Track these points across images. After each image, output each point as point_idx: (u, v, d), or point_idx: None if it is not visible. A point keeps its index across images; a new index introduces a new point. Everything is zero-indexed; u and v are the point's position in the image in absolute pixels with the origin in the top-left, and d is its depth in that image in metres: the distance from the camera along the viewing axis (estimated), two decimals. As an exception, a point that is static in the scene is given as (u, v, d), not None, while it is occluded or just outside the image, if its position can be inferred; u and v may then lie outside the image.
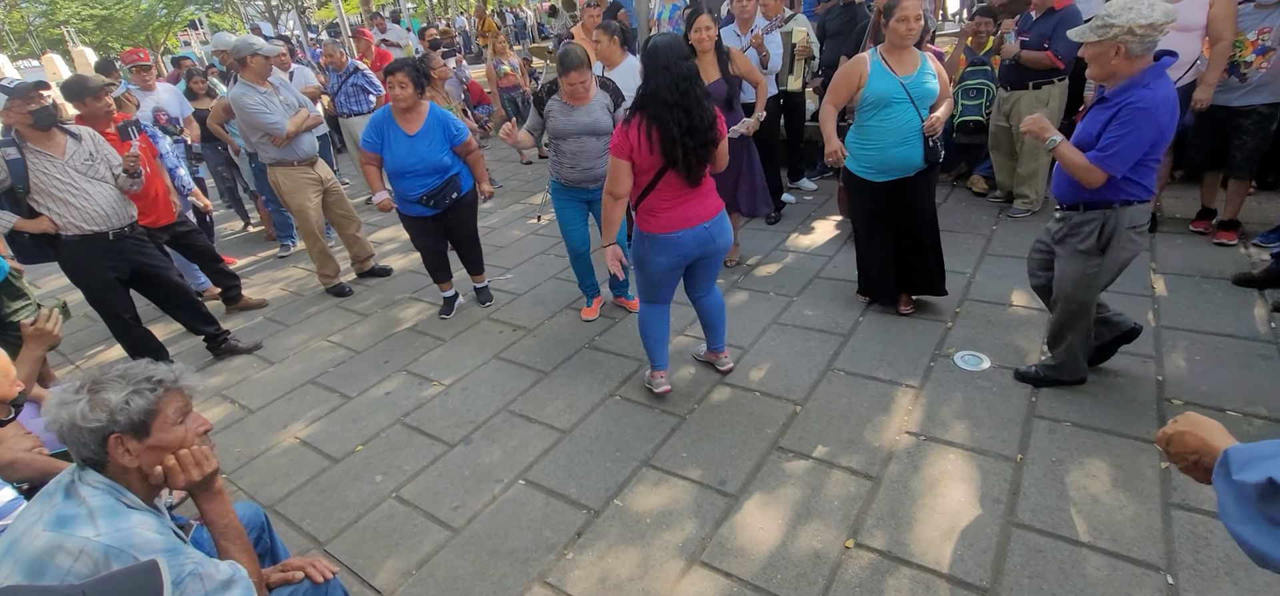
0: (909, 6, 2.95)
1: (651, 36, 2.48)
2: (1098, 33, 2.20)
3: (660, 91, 2.39)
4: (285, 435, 3.16)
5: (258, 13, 27.17)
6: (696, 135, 2.44)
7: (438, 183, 3.67)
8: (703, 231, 2.64)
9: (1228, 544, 1.99)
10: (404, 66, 3.54)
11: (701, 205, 2.63)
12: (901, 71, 3.06)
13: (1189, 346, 2.92)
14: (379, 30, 10.15)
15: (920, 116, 3.07)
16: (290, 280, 5.18)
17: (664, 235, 2.62)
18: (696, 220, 2.62)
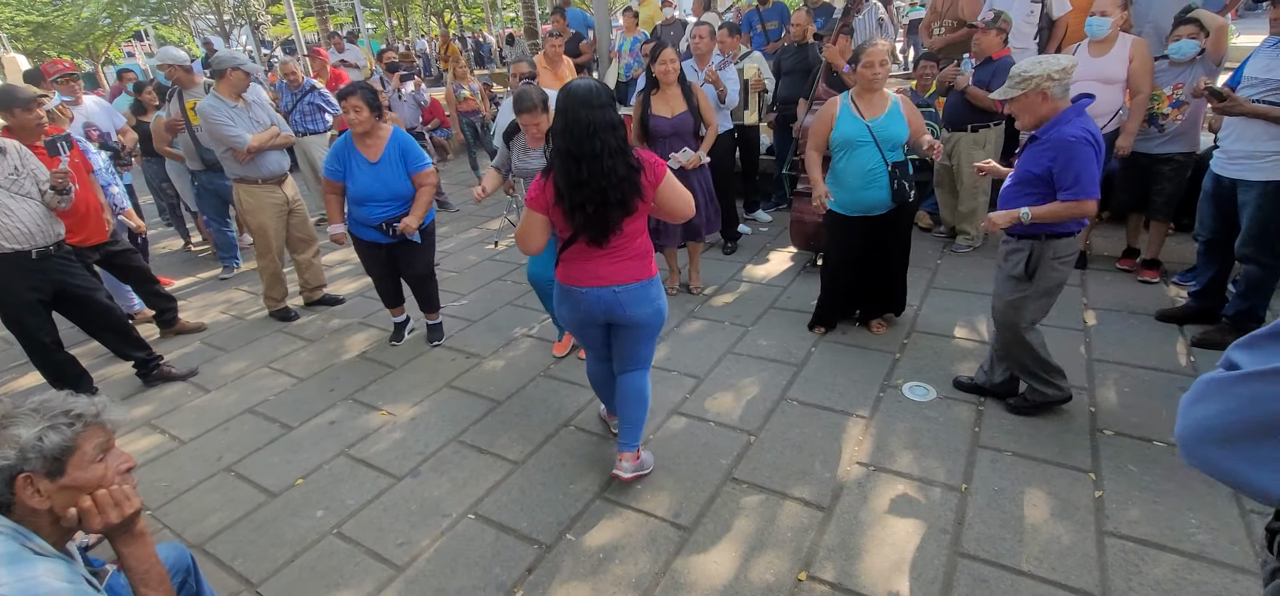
0: (875, 52, 3.11)
1: (569, 80, 2.29)
2: (1019, 87, 2.44)
3: (554, 137, 2.21)
4: (219, 468, 2.99)
5: (209, 27, 26.44)
6: (588, 189, 2.16)
7: (398, 209, 3.57)
8: (610, 295, 2.36)
9: (1156, 570, 2.08)
10: (357, 90, 3.45)
11: (613, 267, 2.34)
12: (869, 114, 3.18)
13: (1118, 379, 3.07)
14: (336, 50, 9.97)
15: (885, 159, 3.17)
16: (232, 303, 4.97)
17: (567, 286, 2.42)
18: (603, 280, 2.35)
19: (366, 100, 3.42)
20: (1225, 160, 3.11)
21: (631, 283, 2.37)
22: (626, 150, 2.21)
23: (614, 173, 2.16)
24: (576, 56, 7.50)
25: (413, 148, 3.60)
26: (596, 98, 2.17)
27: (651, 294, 2.42)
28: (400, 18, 30.68)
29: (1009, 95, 2.49)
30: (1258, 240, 3.06)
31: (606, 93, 2.21)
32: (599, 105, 2.16)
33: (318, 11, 13.30)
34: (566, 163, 2.17)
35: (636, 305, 2.40)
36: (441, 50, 12.73)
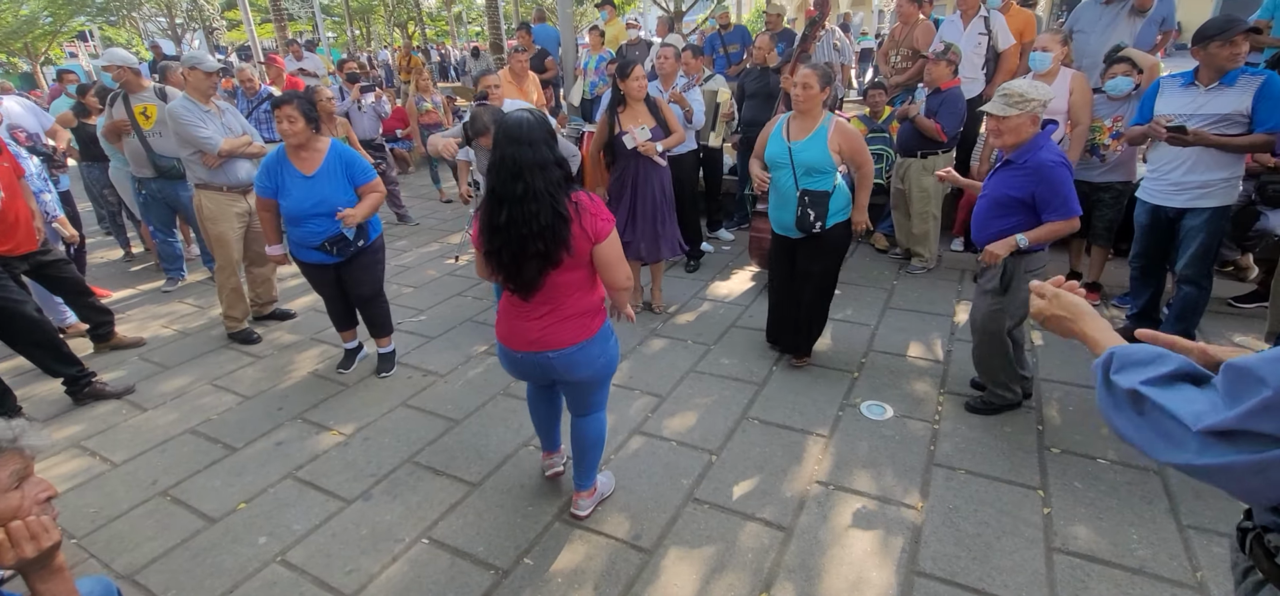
0: (800, 75, 3.15)
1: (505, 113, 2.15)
2: (1018, 106, 2.56)
3: (487, 173, 2.03)
4: (154, 492, 2.83)
5: (159, 30, 25.53)
6: (505, 234, 1.97)
7: (338, 229, 3.34)
8: (543, 360, 2.16)
9: (1100, 585, 2.14)
10: (292, 99, 3.21)
11: (545, 329, 2.12)
12: (794, 137, 3.21)
13: (1064, 398, 3.18)
14: (295, 58, 9.72)
15: (796, 184, 3.18)
16: (175, 317, 4.75)
17: (500, 344, 2.25)
18: (533, 345, 2.13)
19: (302, 110, 3.19)
20: (1172, 190, 3.26)
21: (566, 347, 2.13)
22: (557, 194, 1.97)
23: (536, 219, 1.94)
24: (542, 73, 7.49)
25: (357, 160, 3.42)
26: (527, 133, 1.96)
27: (593, 354, 2.19)
28: (362, 28, 30.22)
29: (1006, 112, 2.58)
30: (1201, 262, 3.23)
31: (542, 128, 2.00)
32: (529, 142, 1.95)
33: (275, 18, 12.96)
34: (489, 202, 2.00)
35: (574, 370, 2.19)
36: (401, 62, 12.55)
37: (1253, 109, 2.96)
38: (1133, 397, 0.92)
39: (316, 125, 3.31)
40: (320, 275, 3.54)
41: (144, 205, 4.92)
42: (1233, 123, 3.02)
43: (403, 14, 26.92)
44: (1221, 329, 3.75)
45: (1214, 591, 2.09)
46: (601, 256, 2.07)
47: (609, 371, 2.32)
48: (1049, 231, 2.66)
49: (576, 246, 2.02)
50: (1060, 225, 2.65)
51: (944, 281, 4.61)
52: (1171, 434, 0.85)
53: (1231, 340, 3.62)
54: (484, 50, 13.33)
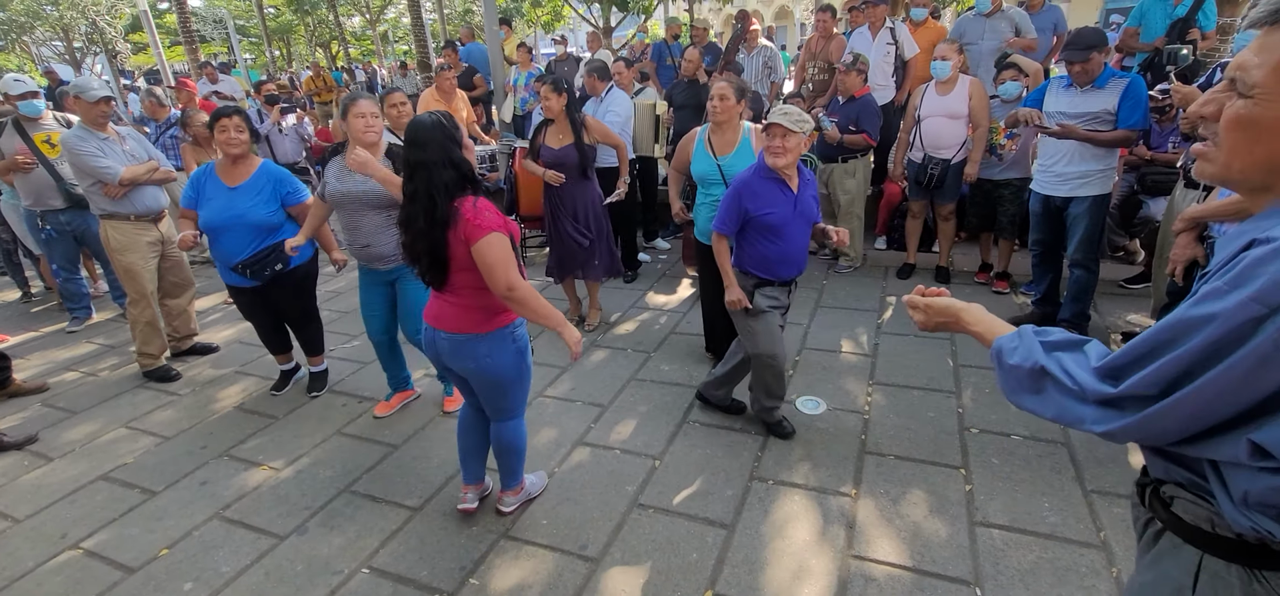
0: (717, 87, 3.23)
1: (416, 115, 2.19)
2: (798, 125, 2.61)
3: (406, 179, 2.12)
4: (63, 546, 2.64)
5: (55, 55, 23.80)
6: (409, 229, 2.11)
7: (257, 248, 3.27)
8: (434, 337, 2.28)
9: (1018, 553, 2.30)
10: (238, 111, 3.28)
11: (443, 310, 2.23)
12: (720, 152, 3.28)
13: (980, 382, 3.39)
14: (209, 81, 9.26)
15: None
16: (82, 358, 4.44)
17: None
18: (433, 321, 2.27)
19: (248, 122, 3.30)
20: (1057, 181, 3.56)
21: (453, 332, 2.21)
22: (438, 197, 2.03)
23: (416, 220, 2.07)
24: (470, 90, 7.43)
25: (289, 180, 3.40)
26: (422, 135, 2.04)
27: (477, 350, 2.22)
28: (283, 48, 29.11)
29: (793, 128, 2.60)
30: (1087, 247, 3.53)
31: (439, 130, 2.05)
32: (422, 143, 2.03)
33: (186, 40, 12.31)
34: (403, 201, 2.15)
35: (454, 357, 2.26)
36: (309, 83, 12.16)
37: (1117, 108, 3.29)
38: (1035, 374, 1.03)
39: (255, 138, 3.36)
40: (242, 297, 3.48)
41: (47, 242, 4.58)
42: (1102, 120, 3.35)
43: (325, 34, 26.13)
44: (1114, 308, 4.09)
45: (1116, 549, 2.28)
46: (479, 258, 2.06)
47: (507, 377, 2.31)
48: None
49: (453, 250, 2.08)
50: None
51: (869, 279, 4.83)
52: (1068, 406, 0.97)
53: (1124, 318, 3.96)
54: (412, 68, 13.08)
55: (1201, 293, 0.84)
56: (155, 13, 17.57)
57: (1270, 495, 0.83)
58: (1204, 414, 0.84)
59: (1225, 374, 0.79)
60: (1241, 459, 0.83)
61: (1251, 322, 0.77)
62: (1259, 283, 0.76)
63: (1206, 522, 0.96)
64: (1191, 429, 0.87)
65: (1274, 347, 0.75)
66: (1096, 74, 3.33)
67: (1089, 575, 2.18)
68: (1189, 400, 0.83)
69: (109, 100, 3.78)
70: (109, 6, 21.06)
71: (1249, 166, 0.87)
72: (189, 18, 12.47)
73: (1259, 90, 0.82)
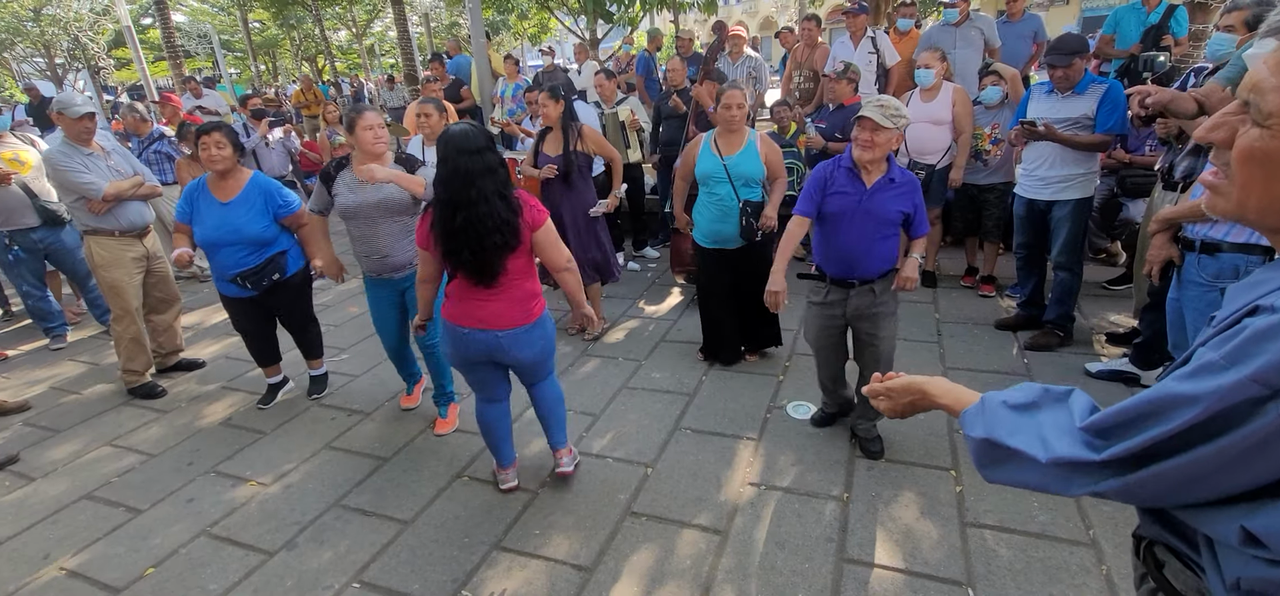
0: (731, 96, 3.35)
1: (449, 125, 2.29)
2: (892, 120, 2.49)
3: (437, 184, 2.24)
4: (47, 567, 2.59)
5: (36, 71, 23.55)
6: (463, 237, 2.21)
7: (257, 261, 3.30)
8: (491, 339, 2.39)
9: (1009, 552, 2.31)
10: (220, 127, 3.25)
11: (492, 310, 2.37)
12: (726, 153, 3.40)
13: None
14: (193, 96, 9.19)
15: (737, 195, 3.38)
16: (63, 377, 4.37)
17: (450, 324, 2.43)
18: (482, 324, 2.37)
19: (230, 138, 3.25)
20: (1040, 185, 3.61)
21: (515, 327, 2.41)
22: (506, 193, 2.26)
23: (494, 215, 2.22)
24: (458, 102, 7.44)
25: (279, 191, 3.39)
26: (472, 142, 2.20)
27: (536, 336, 2.48)
28: (268, 63, 29.00)
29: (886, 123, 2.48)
30: (1070, 250, 3.58)
31: (483, 136, 2.24)
32: (475, 150, 2.20)
33: (170, 55, 12.22)
34: (443, 211, 2.23)
35: (520, 349, 2.45)
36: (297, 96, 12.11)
37: (1096, 113, 3.36)
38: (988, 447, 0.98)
39: (242, 153, 3.33)
40: (240, 307, 3.46)
41: (12, 265, 4.49)
42: (1082, 125, 3.41)
43: (310, 48, 26.06)
44: (1098, 309, 4.15)
45: (1105, 546, 2.30)
46: (541, 240, 2.38)
47: (550, 349, 2.60)
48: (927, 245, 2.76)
49: (523, 234, 2.32)
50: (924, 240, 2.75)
51: (858, 284, 4.87)
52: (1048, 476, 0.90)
53: (1106, 319, 4.01)
54: (399, 81, 13.07)
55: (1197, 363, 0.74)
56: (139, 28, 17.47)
57: (1264, 586, 0.74)
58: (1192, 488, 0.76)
59: (1217, 456, 0.71)
60: (1232, 543, 0.76)
61: (1249, 404, 0.68)
62: (1260, 361, 0.67)
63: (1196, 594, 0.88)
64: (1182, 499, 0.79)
65: (1275, 432, 0.67)
66: (1078, 79, 3.39)
67: (1079, 573, 2.20)
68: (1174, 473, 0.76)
69: (93, 115, 3.75)
70: (92, 22, 20.90)
71: (1267, 205, 0.75)
72: (173, 33, 12.39)
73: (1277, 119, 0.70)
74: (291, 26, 23.59)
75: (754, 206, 3.40)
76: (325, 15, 21.26)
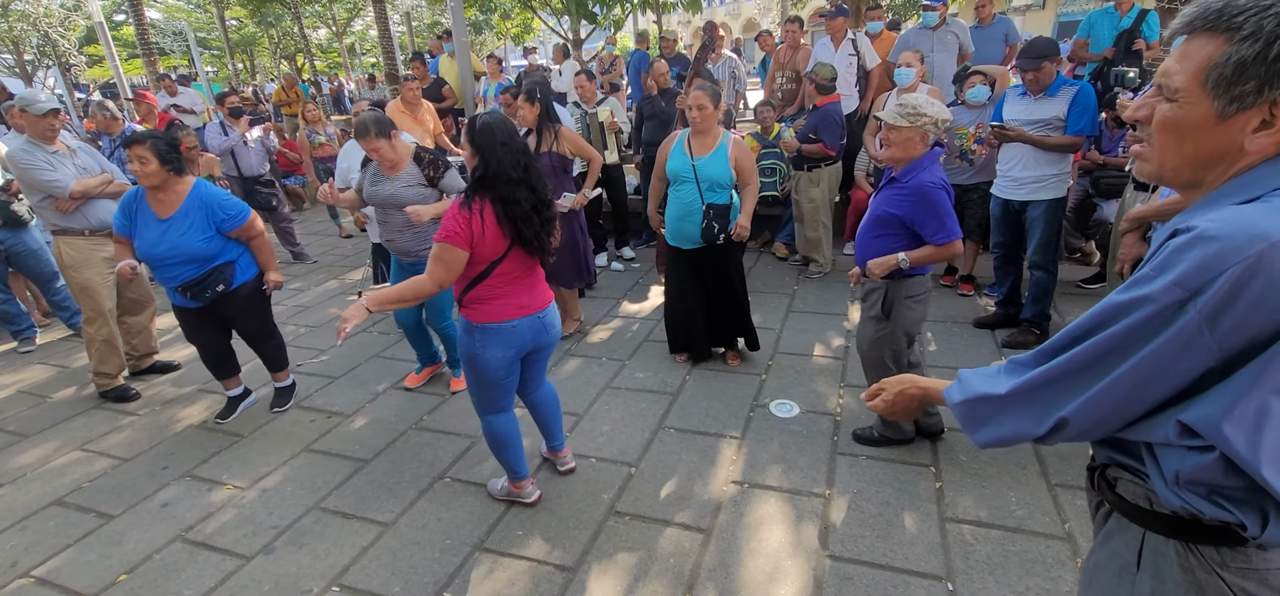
0: (694, 97, 3.29)
1: (478, 115, 2.32)
2: (909, 119, 2.47)
3: (505, 169, 2.22)
4: (13, 575, 2.52)
5: (4, 68, 22.93)
6: (542, 212, 2.33)
7: (197, 273, 3.14)
8: (537, 321, 2.45)
9: (987, 546, 2.35)
10: (145, 139, 3.00)
11: (534, 294, 2.45)
12: (696, 153, 3.37)
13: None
14: (168, 94, 9.02)
15: (702, 197, 3.34)
16: (29, 381, 4.26)
17: (497, 324, 2.35)
18: (531, 309, 2.42)
19: (156, 151, 2.99)
20: (1014, 185, 3.68)
21: (550, 303, 2.53)
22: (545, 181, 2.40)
23: (545, 191, 2.36)
24: (439, 101, 7.38)
25: (223, 202, 3.19)
26: (512, 126, 2.31)
27: (557, 312, 2.61)
28: (246, 61, 28.53)
29: (898, 123, 2.48)
30: (1045, 249, 3.64)
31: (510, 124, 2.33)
32: (516, 132, 2.32)
33: (144, 52, 11.97)
34: (522, 190, 2.26)
35: (556, 323, 2.57)
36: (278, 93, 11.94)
37: (1067, 114, 3.42)
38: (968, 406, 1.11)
39: (177, 167, 3.08)
40: (189, 318, 3.32)
41: None
42: (1052, 126, 3.48)
43: (289, 46, 25.69)
44: (1074, 307, 4.23)
45: (1079, 540, 2.34)
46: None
47: (558, 338, 2.65)
48: (929, 254, 2.57)
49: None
50: (941, 249, 2.56)
51: (840, 284, 4.91)
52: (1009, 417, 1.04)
53: (1082, 317, 4.09)
54: (381, 80, 12.94)
55: (1131, 280, 0.89)
56: (112, 24, 17.10)
57: (1198, 472, 0.88)
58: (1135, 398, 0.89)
59: (1152, 355, 0.85)
60: (1171, 439, 0.88)
61: (1174, 306, 0.82)
62: (1180, 268, 0.81)
63: (1145, 500, 1.00)
64: (1127, 414, 0.91)
65: (1197, 330, 0.80)
66: (1048, 82, 3.45)
67: (1055, 566, 2.24)
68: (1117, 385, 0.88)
69: (57, 112, 3.66)
70: (62, 18, 20.38)
71: (1178, 164, 0.93)
72: (147, 30, 12.14)
73: (1181, 94, 0.88)
74: (270, 24, 23.23)
75: (717, 210, 3.34)
76: (304, 13, 20.96)
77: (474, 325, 2.36)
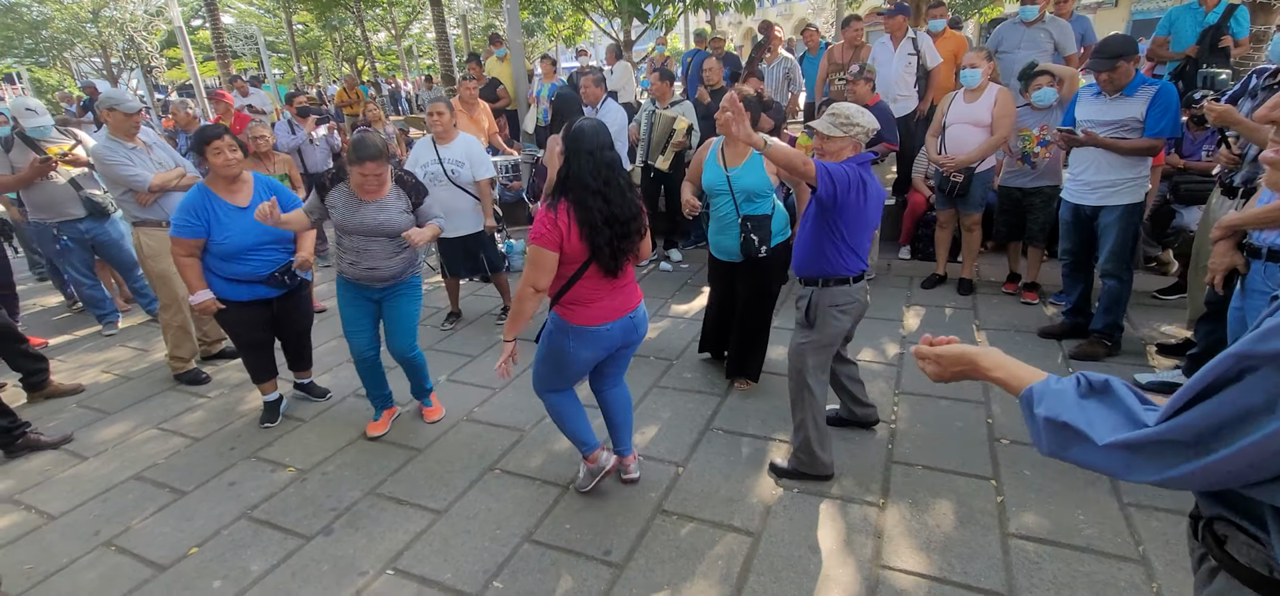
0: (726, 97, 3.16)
1: (576, 120, 2.31)
2: (842, 128, 2.44)
3: (583, 176, 2.22)
4: (96, 543, 2.69)
5: (93, 70, 24.60)
6: (617, 225, 2.27)
7: (285, 257, 3.24)
8: (628, 321, 2.47)
9: (1053, 565, 2.24)
10: (223, 132, 3.10)
11: (625, 296, 2.45)
12: (730, 163, 3.17)
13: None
14: (241, 94, 9.51)
15: (738, 210, 3.16)
16: (115, 361, 4.54)
17: (591, 328, 2.38)
18: (622, 311, 2.44)
19: (239, 142, 3.18)
20: (1086, 190, 3.50)
21: (640, 304, 2.54)
22: (633, 186, 2.38)
23: (634, 204, 2.34)
24: (494, 101, 7.52)
25: (281, 189, 3.32)
26: (605, 137, 2.29)
27: (645, 313, 2.60)
28: (310, 63, 29.78)
29: (830, 132, 2.45)
30: (1118, 257, 3.46)
31: (608, 131, 2.32)
32: (609, 144, 2.29)
33: (218, 55, 12.66)
34: (599, 201, 2.24)
35: (644, 323, 2.58)
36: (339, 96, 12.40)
37: (1145, 115, 3.23)
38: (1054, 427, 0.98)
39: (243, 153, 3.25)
40: (256, 315, 3.33)
41: (61, 254, 4.66)
42: (1129, 128, 3.29)
43: (351, 49, 26.67)
44: (1148, 319, 3.99)
45: (1156, 563, 2.21)
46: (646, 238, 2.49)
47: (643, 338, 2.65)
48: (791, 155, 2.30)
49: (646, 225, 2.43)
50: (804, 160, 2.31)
51: (893, 289, 4.78)
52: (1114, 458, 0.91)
53: (1157, 329, 3.86)
54: (437, 81, 13.30)
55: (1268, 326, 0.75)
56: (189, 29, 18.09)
57: None
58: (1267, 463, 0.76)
59: None
60: None
61: None
62: None
63: (1264, 567, 0.88)
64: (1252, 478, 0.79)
65: None
66: (1124, 82, 3.27)
67: (1129, 590, 2.12)
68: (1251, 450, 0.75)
69: (141, 112, 3.91)
70: (146, 23, 21.75)
71: None
72: (222, 34, 12.83)
73: None
74: (333, 28, 24.19)
75: (755, 222, 3.15)
76: (366, 17, 21.74)
77: (568, 326, 2.40)
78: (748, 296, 3.38)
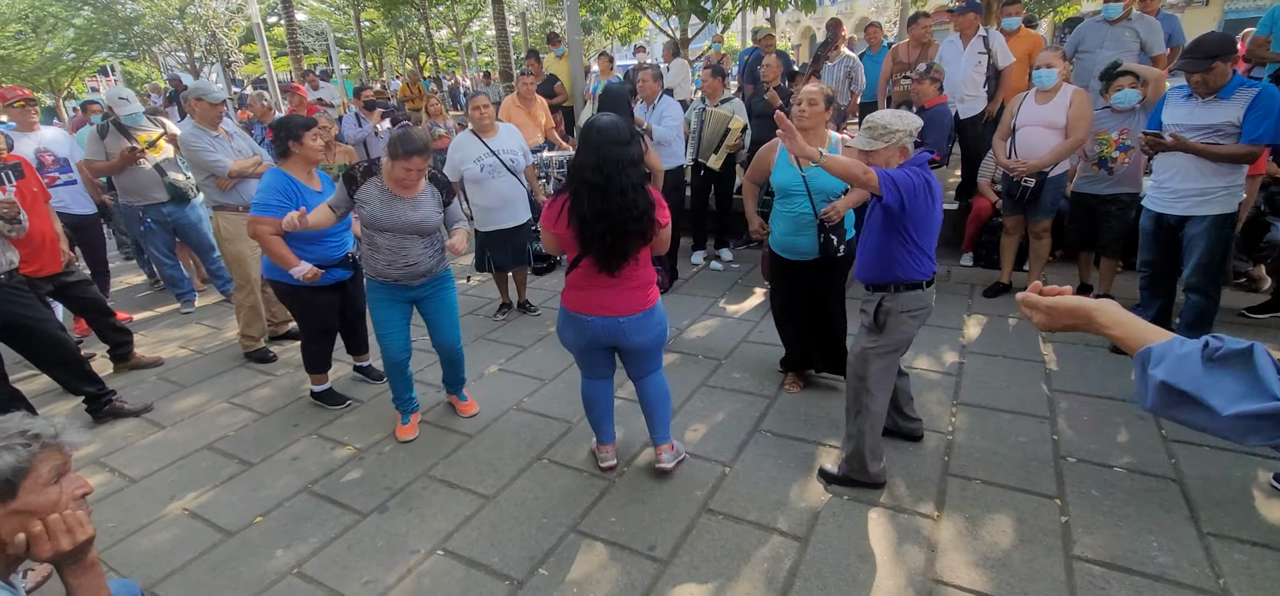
0: (804, 92, 3.04)
1: (596, 115, 2.38)
2: (882, 139, 2.36)
3: (582, 168, 2.29)
4: (172, 507, 2.86)
5: (179, 64, 26.15)
6: (609, 221, 2.27)
7: (353, 240, 3.47)
8: (613, 323, 2.48)
9: (1124, 591, 2.11)
10: (313, 123, 3.32)
11: (616, 297, 2.46)
12: (804, 162, 3.05)
13: (1077, 408, 3.16)
14: (312, 88, 9.98)
15: (815, 209, 3.08)
16: (191, 338, 4.82)
17: (574, 312, 2.53)
18: (603, 310, 2.47)
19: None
20: (1172, 198, 3.28)
21: (634, 313, 2.50)
22: (645, 185, 2.35)
23: (636, 206, 2.30)
24: (551, 97, 7.63)
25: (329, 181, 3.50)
26: (622, 135, 2.29)
27: (652, 321, 2.56)
28: (375, 59, 30.86)
29: (871, 147, 2.38)
30: (1205, 270, 3.23)
31: (629, 130, 2.34)
32: (624, 142, 2.29)
33: (292, 51, 13.29)
34: (592, 195, 2.27)
35: (639, 333, 2.54)
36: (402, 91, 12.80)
37: (1242, 120, 3.00)
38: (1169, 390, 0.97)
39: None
40: (331, 300, 3.47)
41: (146, 233, 4.96)
42: (1223, 133, 3.05)
43: (414, 45, 27.49)
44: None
45: (1237, 598, 2.06)
46: (664, 234, 2.50)
47: (663, 338, 2.66)
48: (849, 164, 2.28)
49: (655, 229, 2.41)
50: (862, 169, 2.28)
51: (953, 296, 4.61)
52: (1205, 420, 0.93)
53: (1246, 350, 3.60)
54: (495, 78, 13.58)
55: None
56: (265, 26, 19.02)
57: None
58: None
59: None
60: None
61: None
62: None
63: None
64: None
65: None
66: (1219, 85, 3.05)
67: (1206, 624, 1.98)
68: None
69: (225, 102, 4.14)
70: (227, 19, 22.98)
71: None
72: (295, 30, 13.43)
73: None
74: (399, 25, 24.99)
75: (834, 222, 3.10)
76: (430, 15, 22.37)
77: (562, 304, 2.59)
78: (824, 293, 3.27)
